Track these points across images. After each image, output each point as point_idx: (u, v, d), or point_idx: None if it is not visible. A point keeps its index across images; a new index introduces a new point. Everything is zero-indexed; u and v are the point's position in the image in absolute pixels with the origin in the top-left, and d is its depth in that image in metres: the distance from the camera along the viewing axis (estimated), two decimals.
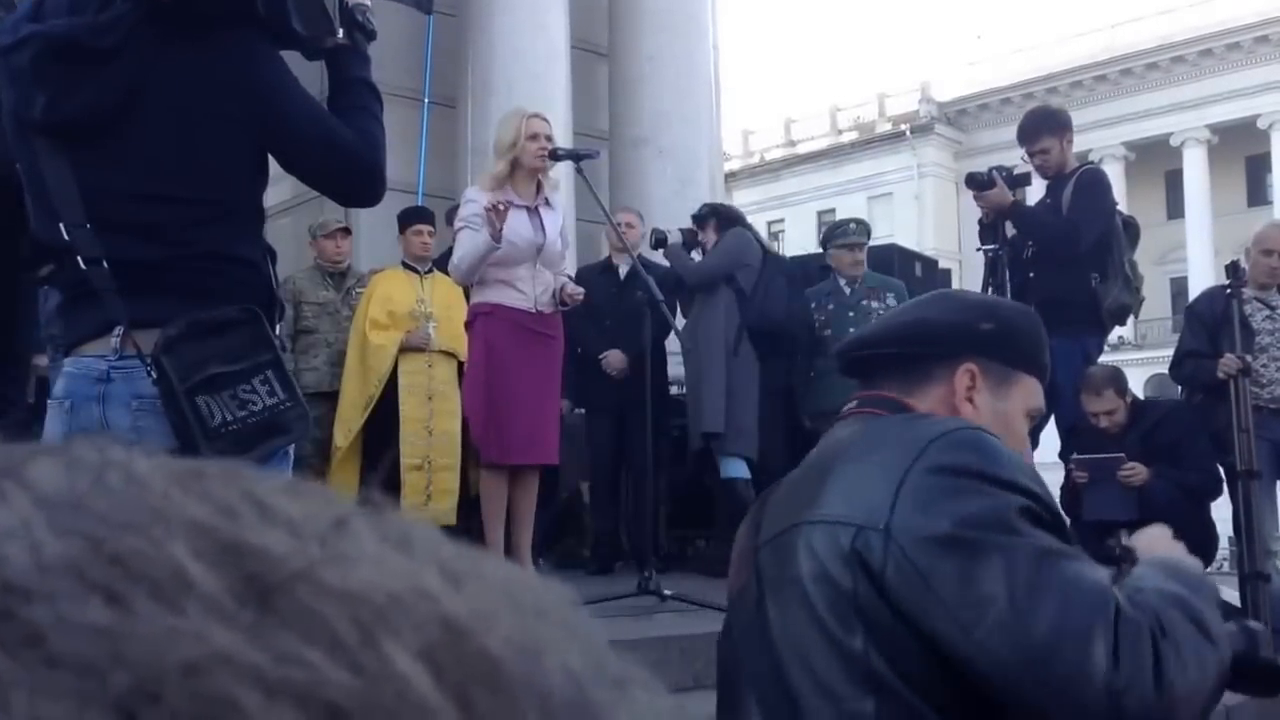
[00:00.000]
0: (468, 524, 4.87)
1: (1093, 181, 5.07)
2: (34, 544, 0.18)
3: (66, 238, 1.72)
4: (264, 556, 0.20)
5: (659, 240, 5.48)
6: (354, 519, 0.22)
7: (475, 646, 0.20)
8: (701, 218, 5.67)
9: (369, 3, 1.93)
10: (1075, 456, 4.71)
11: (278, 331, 1.81)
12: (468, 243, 4.08)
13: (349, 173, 1.90)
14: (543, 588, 0.24)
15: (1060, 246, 4.90)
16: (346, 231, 5.64)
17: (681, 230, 5.55)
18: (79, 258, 1.72)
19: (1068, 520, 1.41)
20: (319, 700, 0.18)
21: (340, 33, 1.84)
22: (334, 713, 0.18)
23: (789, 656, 1.27)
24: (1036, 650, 1.12)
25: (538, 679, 0.20)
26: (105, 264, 1.71)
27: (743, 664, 1.36)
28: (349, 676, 0.18)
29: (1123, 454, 4.53)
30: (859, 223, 5.93)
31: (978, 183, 5.04)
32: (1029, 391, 1.44)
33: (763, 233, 6.92)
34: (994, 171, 4.95)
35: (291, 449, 1.82)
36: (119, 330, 1.72)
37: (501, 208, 3.88)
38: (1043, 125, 5.17)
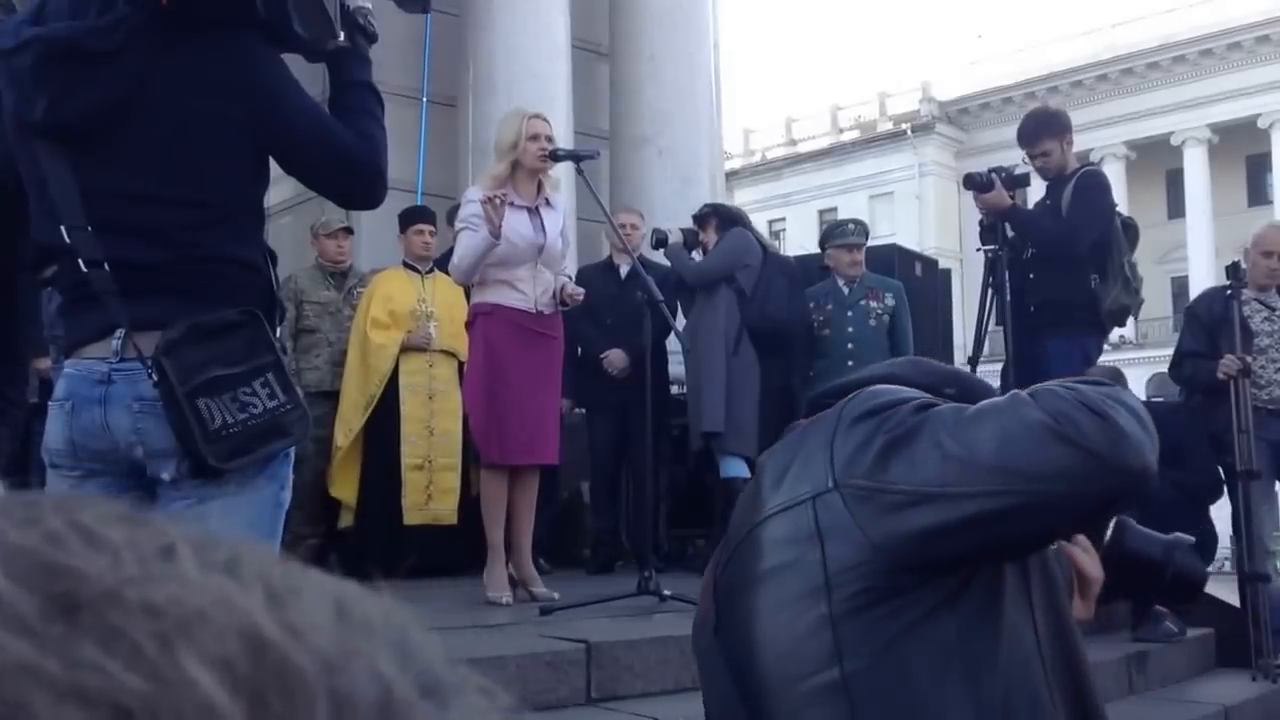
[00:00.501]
0: (469, 523, 4.87)
1: (1091, 184, 5.07)
2: None
3: (67, 240, 1.73)
4: (77, 577, 0.22)
5: (660, 240, 5.48)
6: (182, 546, 0.24)
7: (276, 656, 0.22)
8: (702, 217, 5.68)
9: (370, 5, 1.93)
10: None
11: (278, 334, 1.81)
12: (467, 242, 4.08)
13: (350, 175, 1.91)
14: (377, 605, 0.25)
15: (1057, 249, 4.91)
16: (348, 231, 5.64)
17: (683, 230, 5.55)
18: (80, 260, 1.72)
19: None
20: (108, 703, 0.20)
21: (341, 35, 1.84)
22: (122, 714, 0.20)
23: (746, 662, 1.28)
24: (998, 458, 1.16)
25: (341, 685, 0.22)
26: (106, 266, 1.71)
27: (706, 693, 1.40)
28: (141, 681, 0.20)
29: None
30: (857, 223, 5.93)
31: (976, 183, 5.04)
32: None
33: (764, 231, 6.92)
34: (993, 173, 4.95)
35: (292, 450, 1.82)
36: (120, 332, 1.72)
37: (498, 202, 3.88)
38: (1043, 128, 5.17)
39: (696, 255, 5.59)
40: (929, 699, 1.19)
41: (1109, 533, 1.43)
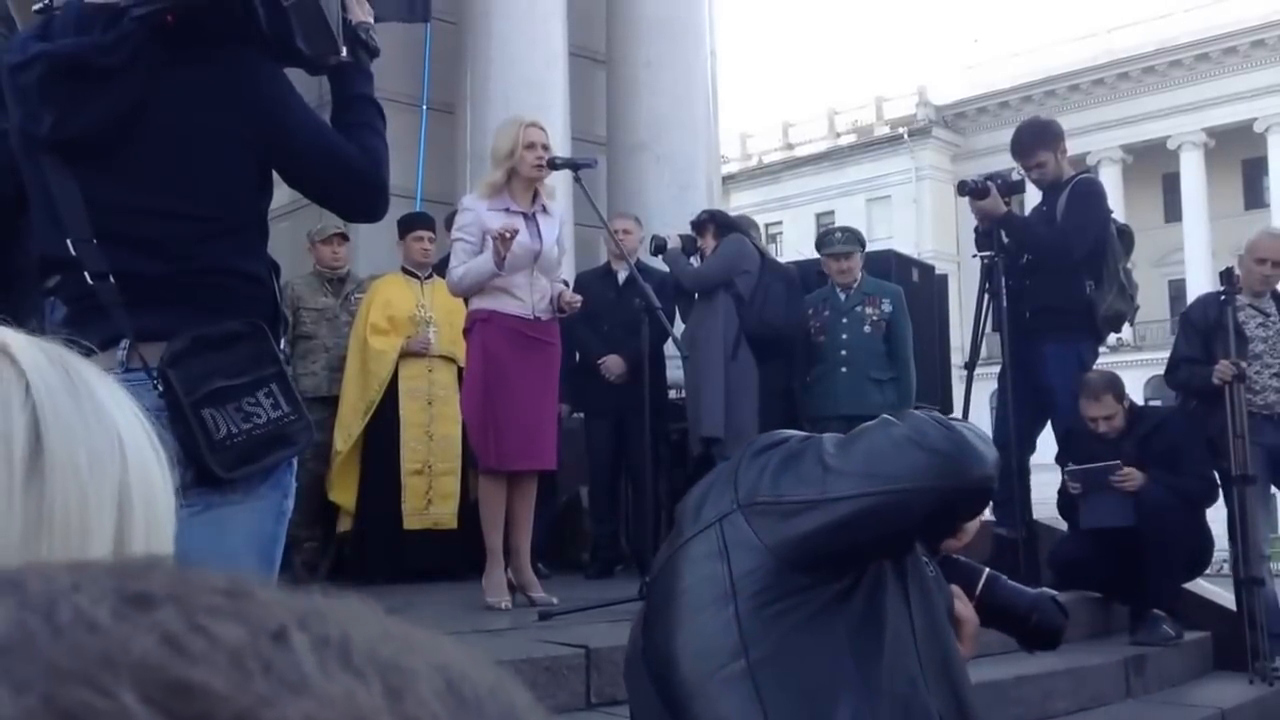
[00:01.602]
0: (468, 528, 4.89)
1: (1086, 192, 5.11)
2: None
3: (73, 252, 1.75)
4: (208, 696, 0.21)
5: (658, 246, 5.50)
6: (295, 633, 0.24)
7: None
8: (700, 224, 5.70)
9: (371, 21, 1.95)
10: (1069, 468, 4.73)
11: (282, 345, 1.83)
12: (464, 256, 4.11)
13: (352, 189, 1.93)
14: (484, 678, 0.26)
15: (1053, 256, 4.94)
16: (344, 237, 5.66)
17: (681, 236, 5.58)
18: (85, 272, 1.74)
19: None
20: None
21: (344, 50, 1.87)
22: None
23: (667, 670, 1.44)
24: (866, 465, 1.41)
25: None
26: (111, 278, 1.73)
27: None
28: None
29: (1118, 460, 4.54)
30: (845, 231, 5.93)
31: (970, 190, 5.07)
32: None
33: (762, 234, 6.94)
34: (989, 181, 4.99)
35: (295, 459, 1.84)
36: (125, 343, 1.74)
37: (509, 235, 3.91)
38: (1037, 140, 5.21)
39: (695, 261, 5.62)
40: (823, 681, 1.38)
41: (980, 585, 1.67)
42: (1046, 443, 5.21)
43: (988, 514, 6.29)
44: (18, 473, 0.48)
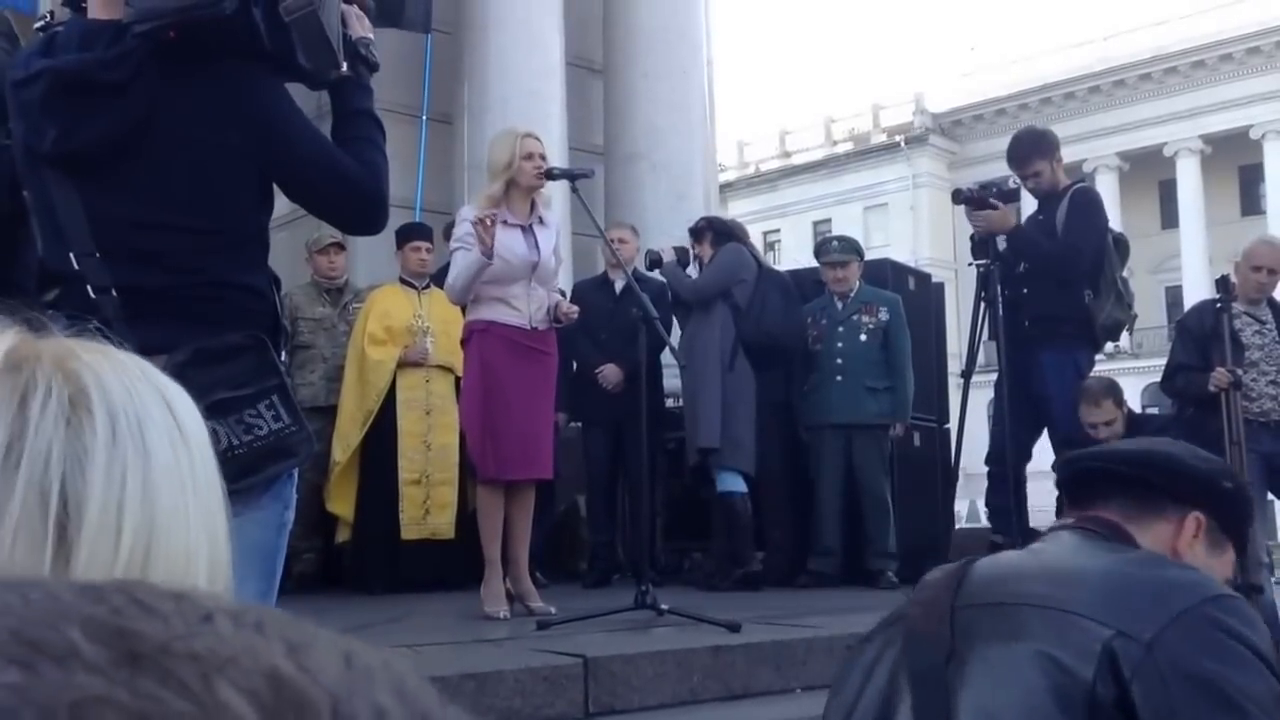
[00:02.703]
0: (466, 538, 4.90)
1: (1087, 201, 5.15)
2: None
3: (76, 266, 1.76)
4: (137, 636, 0.29)
5: (654, 261, 5.52)
6: (219, 613, 0.31)
7: (292, 688, 0.28)
8: (698, 230, 5.73)
9: (371, 36, 1.97)
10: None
11: (282, 357, 1.85)
12: (461, 262, 4.12)
13: (352, 202, 1.95)
14: (378, 656, 0.32)
15: (1060, 268, 4.98)
16: (340, 247, 5.68)
17: (675, 249, 5.59)
18: (88, 286, 1.76)
19: None
20: None
21: (344, 65, 1.88)
22: None
23: (979, 715, 1.30)
24: None
25: (345, 711, 0.28)
26: (114, 292, 1.75)
27: (897, 692, 1.37)
28: (189, 706, 0.27)
29: None
30: (843, 239, 5.97)
31: (966, 198, 5.11)
32: (1228, 563, 1.53)
33: (759, 243, 6.98)
34: (989, 195, 5.03)
35: (296, 471, 1.85)
36: None
37: (489, 222, 3.93)
38: (1034, 150, 5.25)
39: (692, 271, 5.64)
40: None
41: None
42: (1043, 451, 5.22)
43: (984, 520, 6.31)
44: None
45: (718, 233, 5.69)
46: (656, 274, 5.62)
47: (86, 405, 0.51)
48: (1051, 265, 5.00)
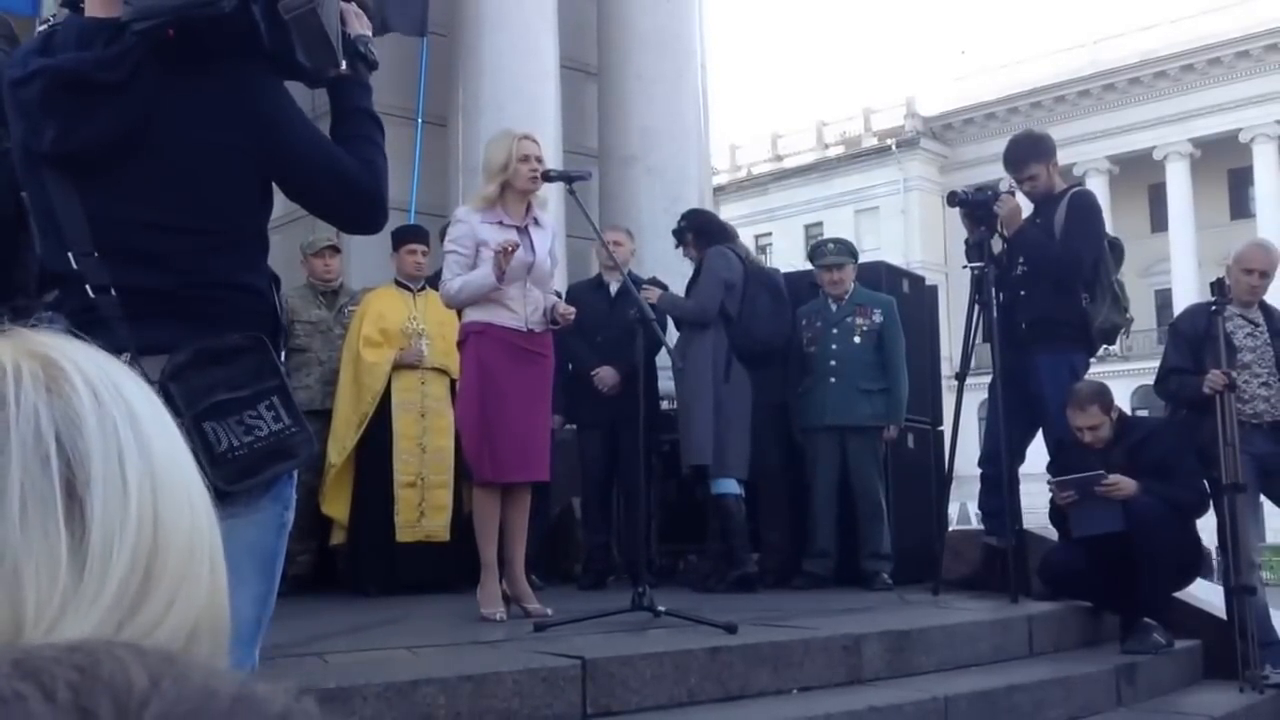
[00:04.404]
0: (462, 540, 4.89)
1: (1086, 205, 5.18)
2: None
3: (75, 266, 1.75)
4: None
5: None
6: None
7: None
8: (680, 232, 5.73)
9: (370, 34, 1.96)
10: (1053, 479, 4.73)
11: (282, 357, 1.84)
12: (456, 268, 4.12)
13: (351, 200, 1.94)
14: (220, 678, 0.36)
15: (1064, 271, 5.01)
16: (335, 249, 5.67)
17: (651, 281, 5.54)
18: (87, 286, 1.75)
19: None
20: None
21: (343, 63, 1.88)
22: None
23: None
24: None
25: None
26: (113, 292, 1.74)
27: None
28: None
29: (1101, 470, 4.56)
30: (837, 242, 5.97)
31: (959, 200, 5.13)
32: None
33: (751, 246, 6.97)
34: (985, 198, 5.07)
35: (296, 472, 1.85)
36: (126, 356, 1.74)
37: (510, 250, 3.94)
38: (1030, 153, 5.27)
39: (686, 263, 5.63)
40: None
41: None
42: (1036, 452, 5.23)
43: (977, 523, 6.32)
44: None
45: (698, 232, 5.66)
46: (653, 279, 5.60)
47: (63, 376, 0.51)
48: (1056, 269, 5.03)
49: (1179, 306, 6.37)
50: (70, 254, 1.75)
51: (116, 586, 0.47)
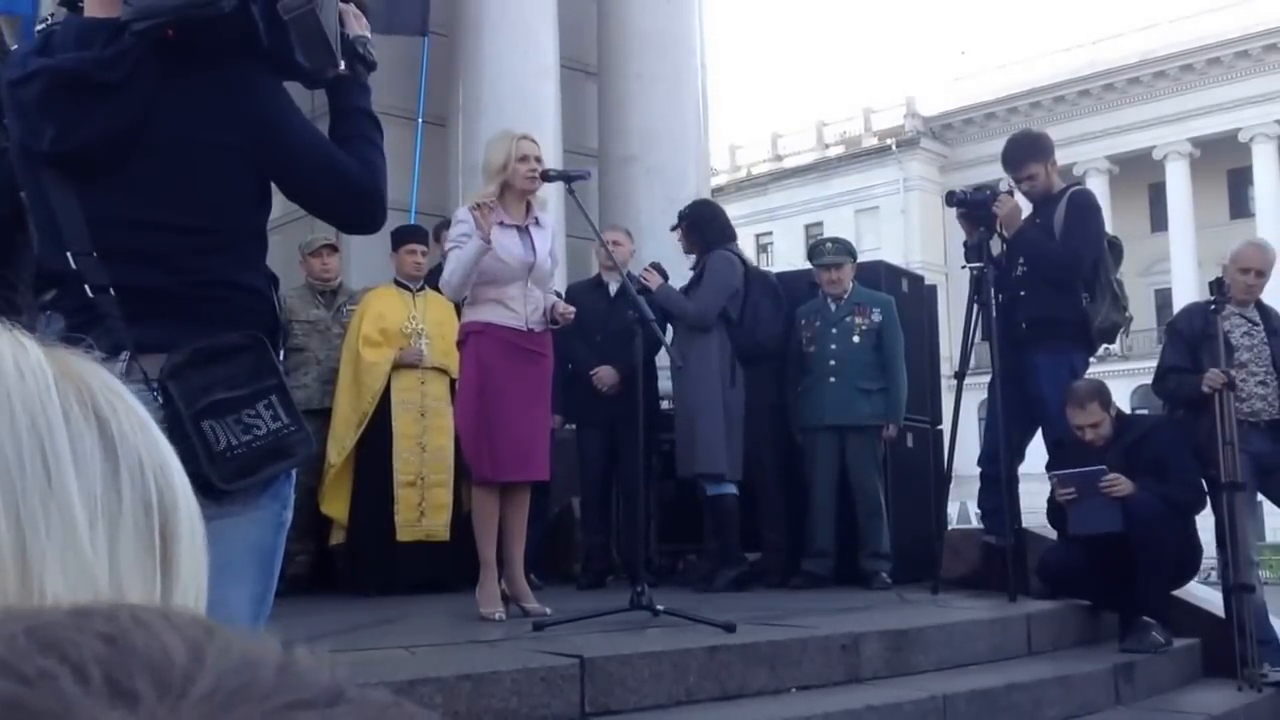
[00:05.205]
0: (461, 540, 4.89)
1: (1086, 204, 5.19)
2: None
3: (73, 265, 1.76)
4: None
5: (642, 289, 5.10)
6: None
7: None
8: (682, 218, 5.74)
9: (369, 35, 1.97)
10: (1054, 472, 4.74)
11: (281, 357, 1.84)
12: (458, 254, 4.12)
13: (350, 200, 1.94)
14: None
15: (1064, 271, 5.01)
16: (333, 249, 5.68)
17: (652, 267, 5.57)
18: (85, 285, 1.75)
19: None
20: None
21: (341, 64, 1.88)
22: None
23: None
24: None
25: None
26: (111, 291, 1.74)
27: None
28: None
29: (1103, 466, 4.57)
30: (836, 242, 5.97)
31: (959, 200, 5.14)
32: None
33: (751, 246, 6.97)
34: (984, 198, 5.08)
35: (294, 471, 1.85)
36: (125, 356, 1.75)
37: (489, 206, 3.94)
38: (1029, 152, 5.27)
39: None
40: None
41: None
42: (1036, 452, 5.24)
43: (977, 522, 6.33)
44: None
45: (699, 228, 5.65)
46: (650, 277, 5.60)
47: (133, 413, 0.48)
48: (1056, 268, 5.04)
49: (1178, 306, 6.37)
50: (69, 253, 1.76)
51: None
